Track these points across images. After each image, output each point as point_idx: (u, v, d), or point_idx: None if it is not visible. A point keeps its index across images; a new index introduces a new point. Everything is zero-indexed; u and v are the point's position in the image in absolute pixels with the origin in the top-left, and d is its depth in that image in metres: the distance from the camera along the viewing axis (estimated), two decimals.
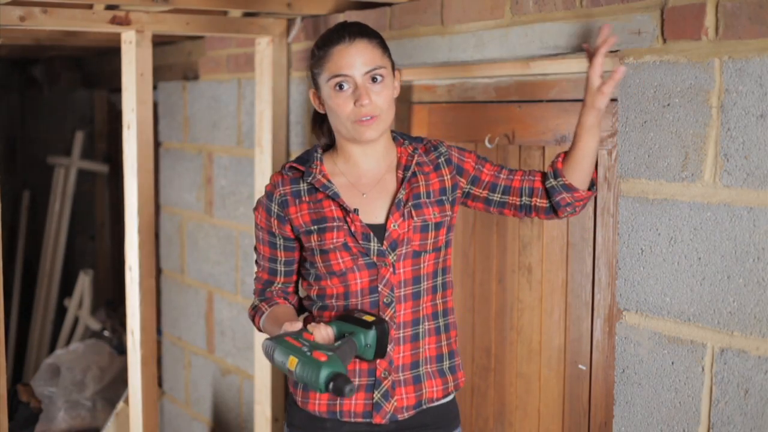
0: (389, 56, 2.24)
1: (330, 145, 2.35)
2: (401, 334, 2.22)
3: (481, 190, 2.33)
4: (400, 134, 2.34)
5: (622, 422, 2.33)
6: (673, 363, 2.18)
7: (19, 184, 7.38)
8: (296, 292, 2.41)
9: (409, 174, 2.24)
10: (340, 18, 3.35)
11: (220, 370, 4.34)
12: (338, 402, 2.24)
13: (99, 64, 6.48)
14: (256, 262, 2.39)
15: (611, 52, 2.34)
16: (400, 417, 2.23)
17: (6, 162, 7.60)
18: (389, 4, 3.09)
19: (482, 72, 2.87)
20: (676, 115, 2.14)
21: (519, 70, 2.75)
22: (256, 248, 2.38)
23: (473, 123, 2.94)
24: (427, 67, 2.99)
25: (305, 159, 2.30)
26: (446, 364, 2.29)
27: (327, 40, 2.21)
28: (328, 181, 2.24)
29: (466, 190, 2.33)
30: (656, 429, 2.23)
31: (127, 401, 4.41)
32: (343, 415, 2.24)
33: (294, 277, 2.37)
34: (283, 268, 2.34)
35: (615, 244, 2.53)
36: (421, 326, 2.24)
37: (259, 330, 2.35)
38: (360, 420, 2.24)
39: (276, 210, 2.27)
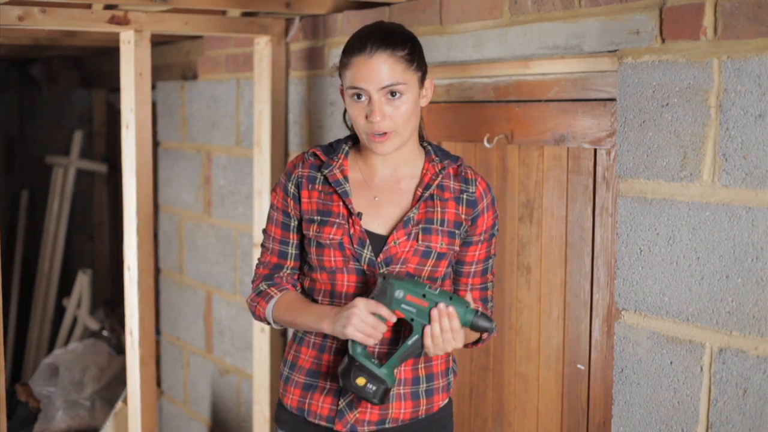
0: (417, 66, 2.13)
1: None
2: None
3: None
4: (436, 148, 2.26)
5: (621, 422, 2.33)
6: (671, 363, 2.18)
7: (18, 183, 7.38)
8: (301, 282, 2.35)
9: (426, 194, 2.18)
10: (339, 18, 3.35)
11: (218, 369, 4.34)
12: (307, 401, 2.24)
13: (98, 63, 6.48)
14: (263, 245, 2.33)
15: (610, 51, 2.35)
16: (360, 429, 2.21)
17: (4, 161, 7.59)
18: (388, 4, 3.09)
19: (481, 72, 2.87)
20: (674, 115, 2.14)
21: (518, 69, 2.75)
22: (265, 231, 2.32)
23: (472, 123, 2.94)
24: None
25: (332, 148, 2.26)
26: (422, 387, 2.24)
27: (352, 45, 2.12)
28: (344, 177, 2.20)
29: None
30: (655, 429, 2.23)
31: (125, 401, 4.41)
32: (309, 415, 2.24)
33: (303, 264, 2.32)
34: (294, 251, 2.28)
35: (614, 244, 2.53)
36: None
37: (260, 318, 2.29)
38: (324, 423, 2.22)
39: (292, 190, 2.23)
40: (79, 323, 6.18)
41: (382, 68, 2.07)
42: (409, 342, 2.06)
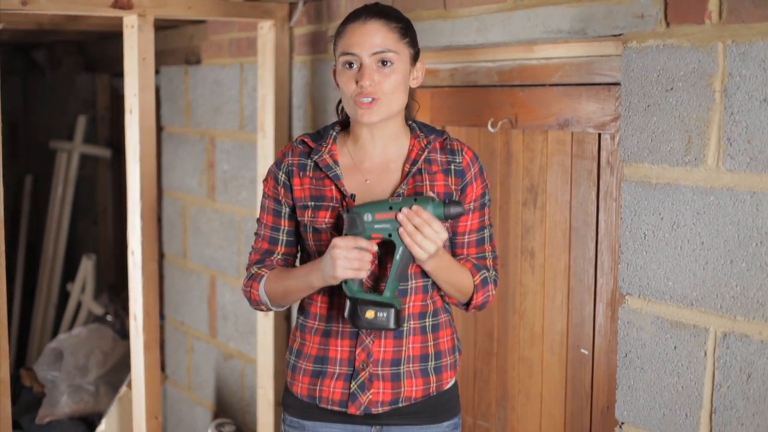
0: (410, 43, 2.19)
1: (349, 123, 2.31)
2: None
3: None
4: (420, 125, 2.29)
5: (625, 406, 2.33)
6: (675, 347, 2.18)
7: (22, 168, 7.38)
8: (296, 265, 2.37)
9: (414, 169, 2.19)
10: (342, 2, 3.34)
11: (222, 354, 4.35)
12: (317, 388, 2.24)
13: (101, 48, 6.47)
14: (256, 233, 2.35)
15: (614, 36, 2.34)
16: (374, 410, 2.22)
17: (8, 146, 7.57)
18: None
19: (485, 56, 2.86)
20: (679, 100, 2.13)
21: (522, 54, 2.74)
22: (258, 219, 2.35)
23: (476, 107, 2.93)
24: (429, 51, 2.98)
25: (319, 135, 2.28)
26: (431, 364, 2.26)
27: (347, 17, 2.19)
28: (334, 162, 2.22)
29: None
30: (658, 413, 2.24)
31: (129, 386, 4.42)
32: (321, 401, 2.24)
33: (294, 250, 2.33)
34: (285, 238, 2.30)
35: (618, 229, 2.53)
36: (405, 324, 2.22)
37: (256, 302, 2.29)
38: (336, 408, 2.23)
39: (283, 178, 2.25)
40: (83, 308, 6.19)
41: (375, 34, 2.13)
42: (397, 256, 2.08)
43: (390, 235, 2.07)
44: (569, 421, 2.75)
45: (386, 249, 2.14)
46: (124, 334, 5.51)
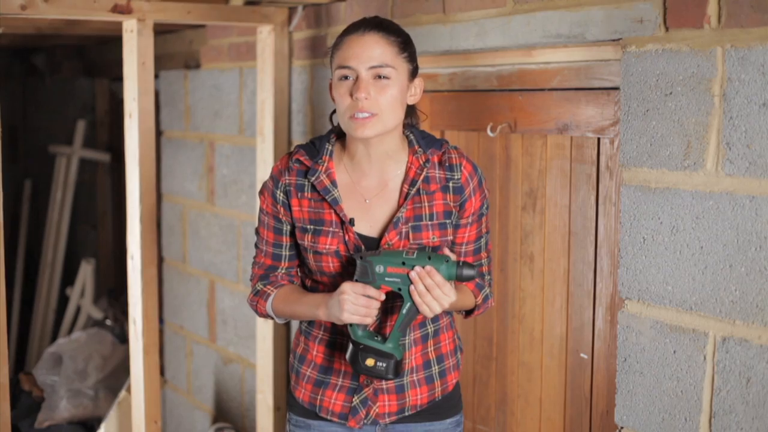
0: (409, 59, 2.14)
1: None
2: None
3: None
4: (418, 136, 2.22)
5: (624, 411, 2.33)
6: (674, 352, 2.18)
7: (21, 173, 7.38)
8: (299, 276, 2.36)
9: (413, 191, 2.15)
10: (342, 6, 3.35)
11: (221, 358, 4.35)
12: (319, 397, 2.25)
13: (100, 53, 6.47)
14: (257, 245, 2.33)
15: (614, 40, 2.34)
16: (381, 422, 2.23)
17: (7, 151, 7.58)
18: None
19: (484, 60, 2.86)
20: (678, 104, 2.13)
21: (521, 58, 2.74)
22: (258, 231, 2.31)
23: (475, 112, 2.93)
24: (428, 56, 2.98)
25: (315, 150, 2.22)
26: (435, 369, 2.26)
27: (345, 29, 2.14)
28: (331, 183, 2.17)
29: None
30: (658, 417, 2.24)
31: (129, 390, 4.42)
32: (321, 411, 2.25)
33: (298, 261, 2.31)
34: (287, 253, 2.28)
35: (617, 233, 2.53)
36: (407, 338, 2.22)
37: (264, 315, 2.29)
38: (336, 420, 2.24)
39: (281, 198, 2.21)
40: (82, 312, 6.19)
41: (373, 47, 2.08)
42: (404, 311, 2.07)
43: (400, 289, 2.06)
44: (569, 426, 2.74)
45: (395, 294, 2.14)
46: (123, 338, 5.50)
